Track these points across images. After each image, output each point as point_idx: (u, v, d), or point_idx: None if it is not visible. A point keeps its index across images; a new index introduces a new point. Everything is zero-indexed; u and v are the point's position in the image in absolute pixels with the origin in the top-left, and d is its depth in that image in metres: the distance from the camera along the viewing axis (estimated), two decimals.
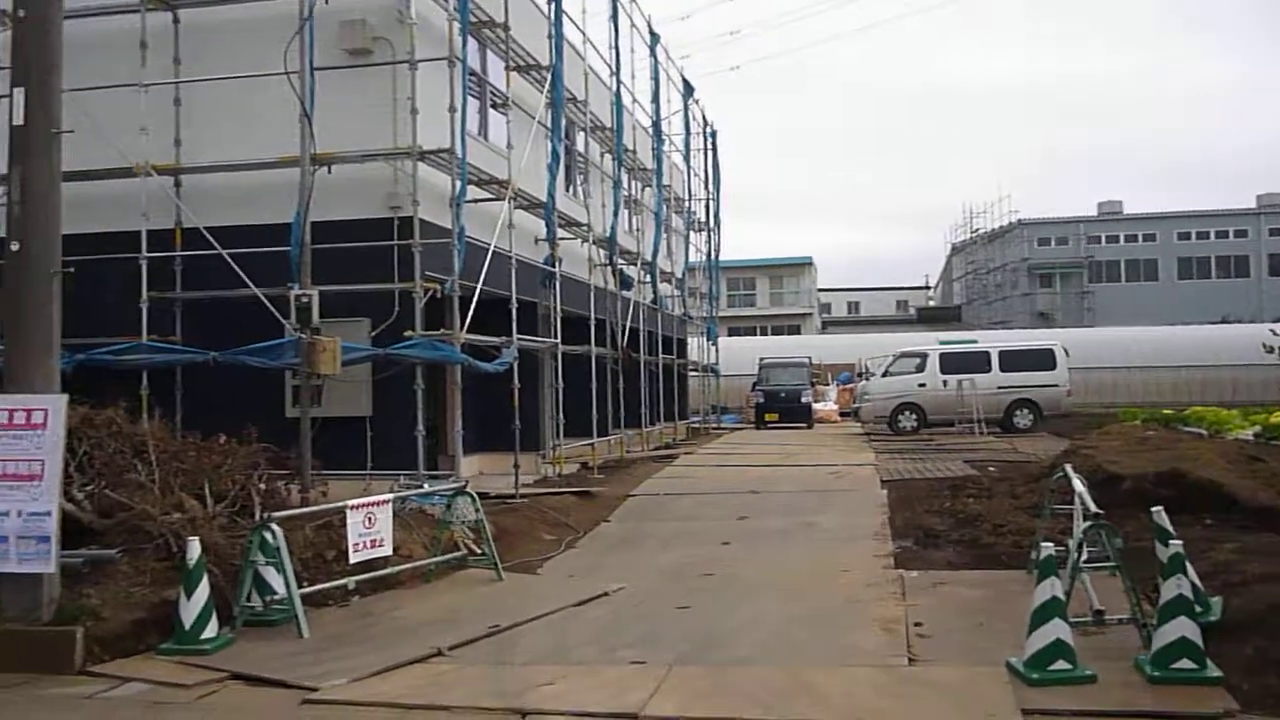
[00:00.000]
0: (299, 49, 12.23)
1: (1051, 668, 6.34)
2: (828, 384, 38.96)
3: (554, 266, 17.02)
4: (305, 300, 11.66)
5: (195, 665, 7.39)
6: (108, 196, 13.62)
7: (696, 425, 31.68)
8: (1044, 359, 27.94)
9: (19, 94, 8.12)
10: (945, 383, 27.41)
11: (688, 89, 29.18)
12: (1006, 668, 6.60)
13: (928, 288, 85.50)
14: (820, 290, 72.56)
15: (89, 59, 11.95)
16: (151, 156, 13.62)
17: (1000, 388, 27.22)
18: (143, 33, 13.68)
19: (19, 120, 8.09)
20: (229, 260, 12.99)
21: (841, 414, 35.52)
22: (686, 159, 30.09)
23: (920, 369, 28.17)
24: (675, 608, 8.89)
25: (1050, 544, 6.96)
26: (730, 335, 49.04)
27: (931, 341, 33.34)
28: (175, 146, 14.06)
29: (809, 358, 36.42)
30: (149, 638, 7.83)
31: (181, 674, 7.25)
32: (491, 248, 14.31)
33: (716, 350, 33.35)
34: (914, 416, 27.74)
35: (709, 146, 32.67)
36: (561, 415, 17.37)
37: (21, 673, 7.28)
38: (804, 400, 33.05)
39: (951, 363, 27.97)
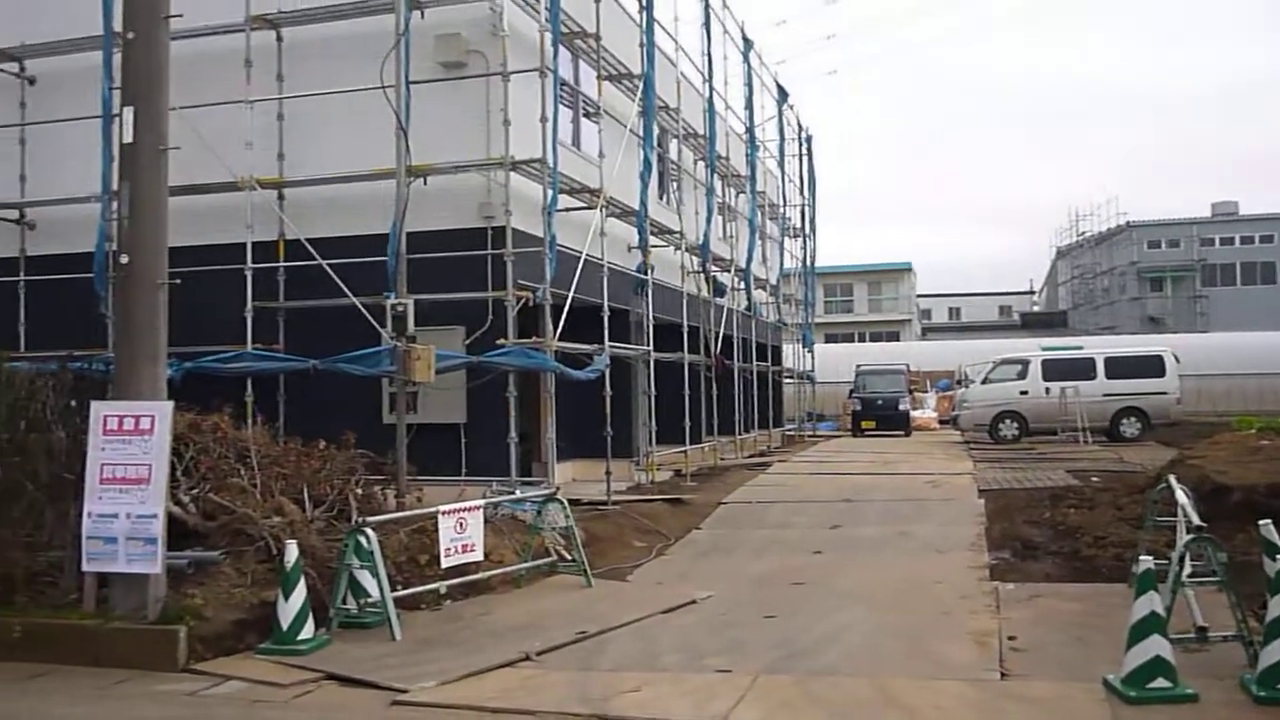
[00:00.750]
0: (395, 63, 12.49)
1: (1150, 685, 6.14)
2: (926, 391, 38.35)
3: (646, 274, 17.07)
4: (401, 309, 11.89)
5: (292, 665, 7.58)
6: (214, 209, 14.10)
7: (792, 433, 31.44)
8: (1153, 365, 27.04)
9: (128, 113, 8.44)
10: (1048, 390, 26.71)
11: (782, 94, 29.02)
12: (1103, 684, 6.41)
13: (1031, 292, 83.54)
14: (920, 296, 71.47)
15: (195, 77, 12.36)
16: (256, 170, 14.06)
17: (1106, 395, 26.42)
18: (247, 51, 14.12)
19: (128, 138, 8.41)
20: (329, 270, 13.33)
21: (940, 422, 34.92)
22: (781, 165, 29.91)
23: (1022, 376, 27.50)
24: (763, 616, 8.84)
25: (1151, 557, 6.75)
26: (827, 342, 48.55)
27: (1035, 348, 32.54)
28: (278, 160, 14.50)
29: (907, 364, 35.93)
30: (249, 637, 8.06)
31: (278, 673, 7.44)
32: (584, 256, 14.42)
33: (813, 357, 33.05)
34: (1015, 425, 27.09)
35: (804, 152, 32.45)
36: (654, 422, 17.41)
37: (129, 669, 7.58)
38: (901, 407, 32.59)
39: (1054, 369, 27.24)
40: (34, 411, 8.78)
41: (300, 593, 8.02)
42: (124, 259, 8.39)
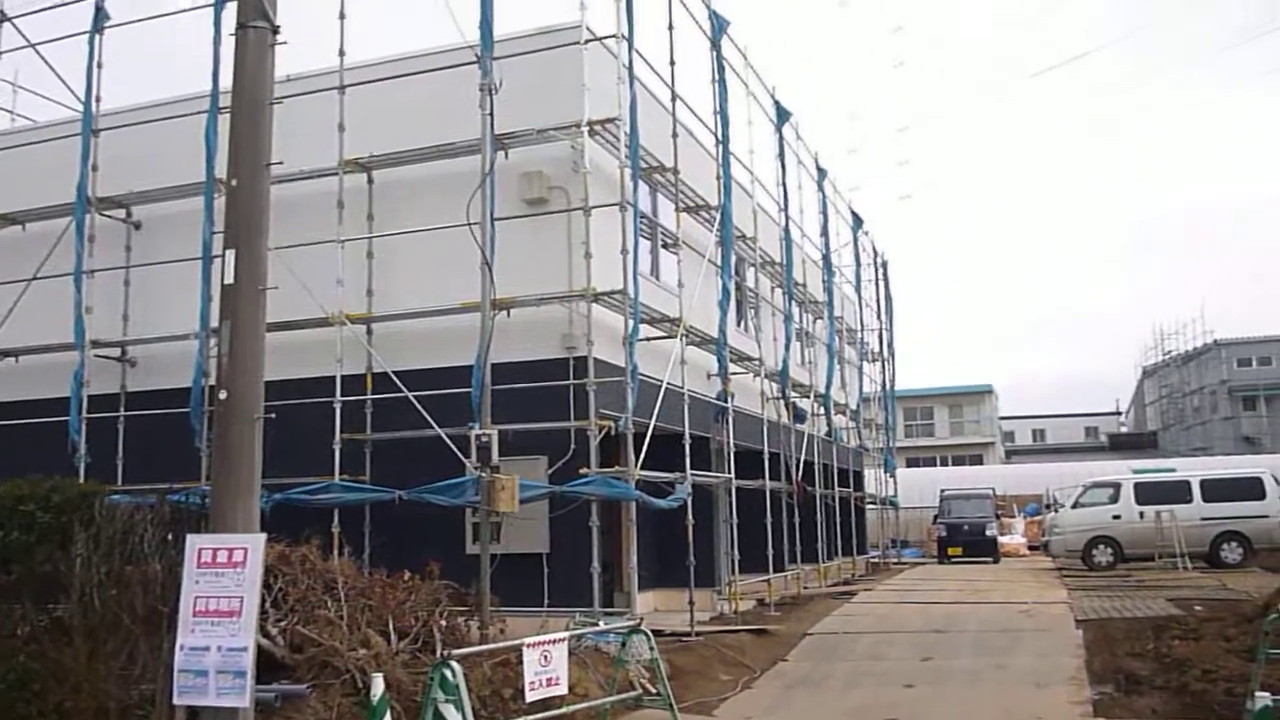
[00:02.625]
0: (481, 201, 12.93)
1: None
2: (1014, 516, 37.40)
3: (726, 401, 17.10)
4: (485, 440, 12.04)
5: None
6: (305, 344, 14.52)
7: (876, 560, 30.78)
8: (1252, 488, 26.10)
9: (230, 255, 8.79)
10: (1142, 514, 25.89)
11: (857, 221, 29.32)
12: None
13: (1118, 413, 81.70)
14: (1002, 418, 70.30)
15: (291, 218, 12.88)
16: (346, 306, 14.52)
17: (1204, 519, 25.49)
18: (340, 193, 14.73)
19: (229, 279, 8.75)
20: (414, 402, 13.60)
21: (1030, 547, 33.96)
22: (858, 290, 30.03)
23: (1114, 499, 26.71)
24: None
25: (1266, 693, 6.42)
26: (909, 466, 47.87)
27: (1125, 470, 31.68)
28: (368, 296, 14.97)
29: (992, 489, 35.17)
30: None
31: None
32: (664, 384, 14.52)
33: (895, 482, 32.56)
34: (1109, 550, 26.21)
35: (880, 276, 32.60)
36: (736, 551, 17.21)
37: None
38: (989, 533, 31.80)
39: (1148, 493, 26.44)
40: (132, 544, 8.97)
41: None
42: (223, 394, 8.64)
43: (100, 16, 16.13)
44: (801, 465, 21.37)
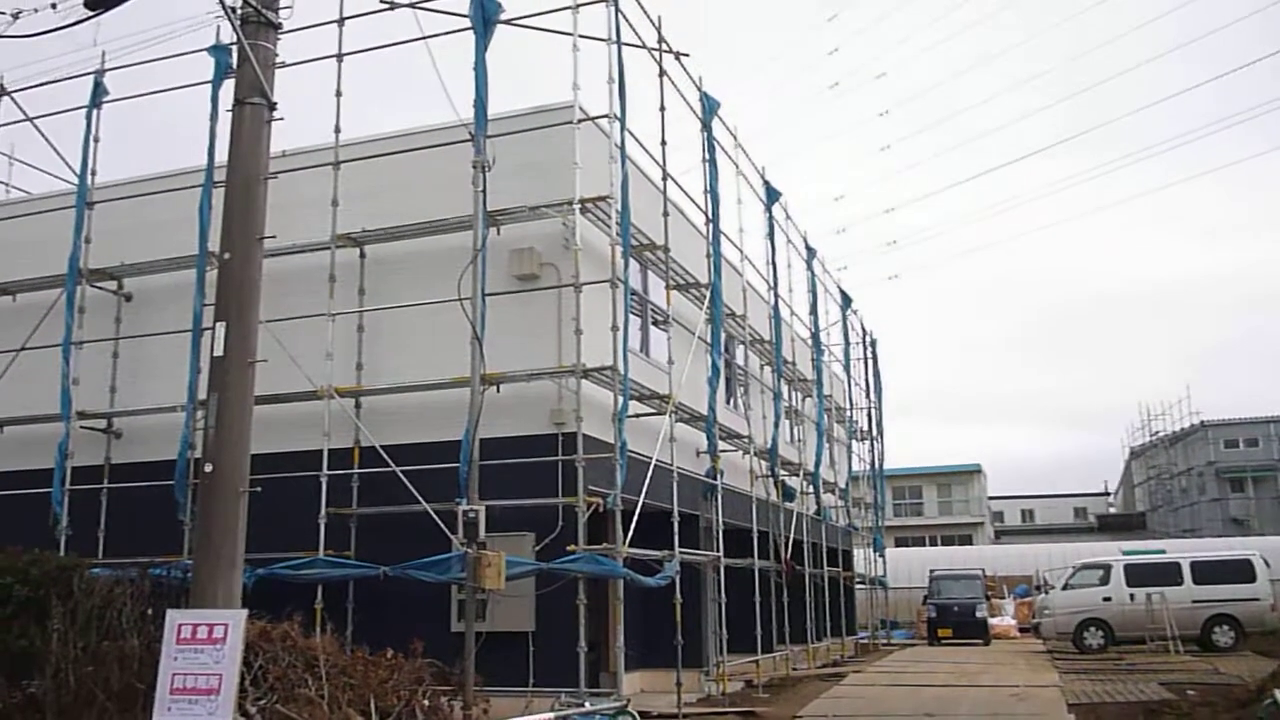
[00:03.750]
0: (473, 277, 13.00)
1: None
2: (1004, 597, 37.12)
3: (716, 479, 17.04)
4: (473, 515, 11.95)
5: None
6: (292, 417, 14.47)
7: (865, 641, 30.44)
8: (1242, 570, 25.96)
9: (220, 328, 8.84)
10: (1133, 596, 25.71)
11: (845, 300, 29.53)
12: None
13: (1107, 494, 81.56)
14: (991, 498, 70.11)
15: (281, 292, 12.94)
16: (335, 379, 14.49)
17: (1195, 602, 25.33)
18: (332, 267, 14.77)
19: (219, 352, 8.78)
20: (401, 477, 13.51)
21: (1020, 629, 33.66)
22: (847, 368, 30.15)
23: (1104, 581, 26.54)
24: None
25: None
26: (897, 545, 47.59)
27: (1114, 551, 31.59)
28: (357, 370, 14.96)
29: (982, 569, 34.94)
30: None
31: None
32: (653, 461, 14.47)
33: (884, 561, 32.35)
34: (1100, 633, 25.97)
35: (869, 355, 32.76)
36: (724, 630, 16.98)
37: None
38: (979, 614, 31.50)
39: (1138, 574, 26.28)
40: (110, 619, 8.86)
41: None
42: (208, 467, 8.61)
43: (99, 91, 16.32)
44: (790, 544, 21.21)
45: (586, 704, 11.91)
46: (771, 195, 21.86)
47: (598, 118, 14.52)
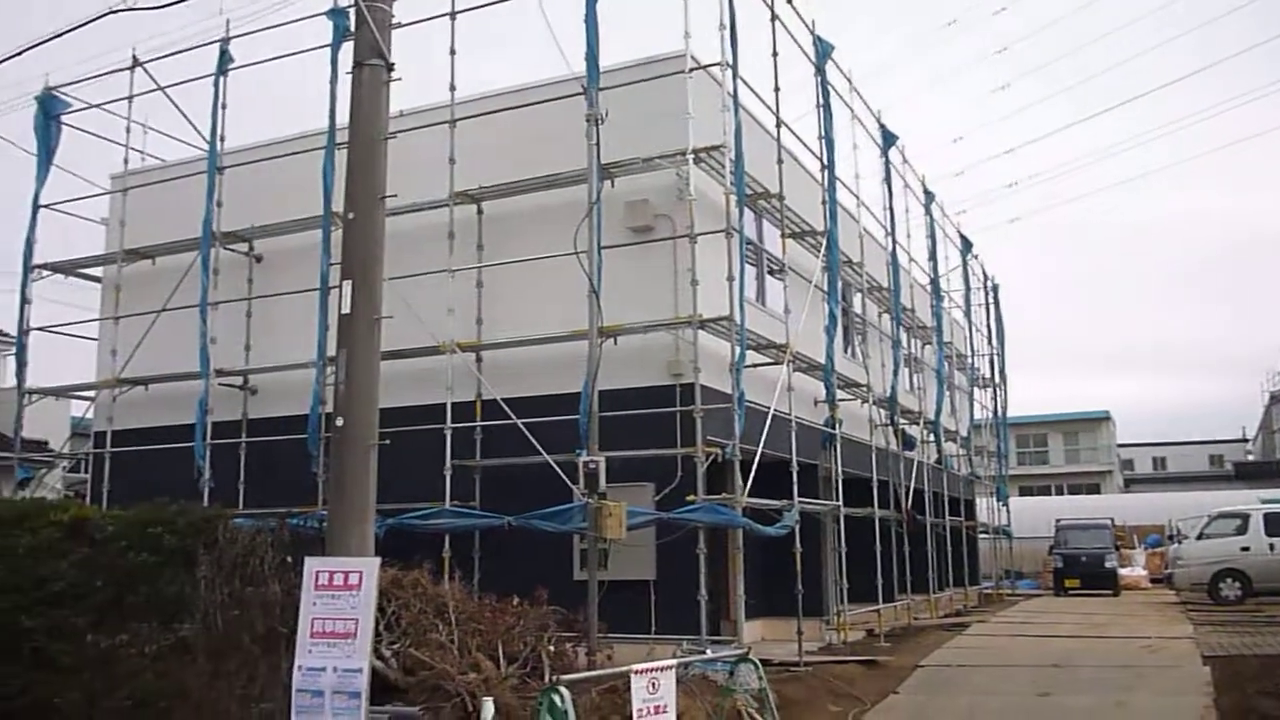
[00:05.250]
0: (588, 230, 13.09)
1: None
2: (1134, 547, 36.09)
3: (834, 428, 16.92)
4: (593, 466, 12.13)
5: None
6: (416, 372, 14.85)
7: (988, 591, 30.00)
8: None
9: (347, 286, 9.07)
10: (1273, 546, 24.74)
11: (965, 244, 28.83)
12: None
13: (1245, 440, 78.30)
14: (1120, 445, 68.00)
15: (403, 250, 13.20)
16: (456, 335, 14.80)
17: None
18: (450, 225, 15.05)
19: (346, 309, 9.02)
20: (523, 429, 13.77)
21: (1151, 580, 32.71)
22: (967, 314, 29.49)
23: (1242, 530, 25.55)
24: None
25: None
26: (1021, 495, 46.57)
27: (1253, 500, 30.35)
28: (477, 325, 15.24)
29: (1111, 519, 34.00)
30: None
31: None
32: (771, 411, 14.44)
33: (1008, 511, 31.73)
34: (1237, 584, 25.05)
35: (990, 301, 31.96)
36: (845, 580, 16.94)
37: None
38: (1108, 565, 30.70)
39: (1279, 523, 25.27)
40: (252, 566, 9.27)
41: None
42: (339, 421, 8.89)
43: (224, 59, 16.79)
44: (911, 493, 20.99)
45: (708, 651, 12.04)
46: (887, 139, 21.41)
47: (709, 66, 14.39)
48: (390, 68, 9.55)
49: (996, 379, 32.13)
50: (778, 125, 15.95)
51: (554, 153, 14.54)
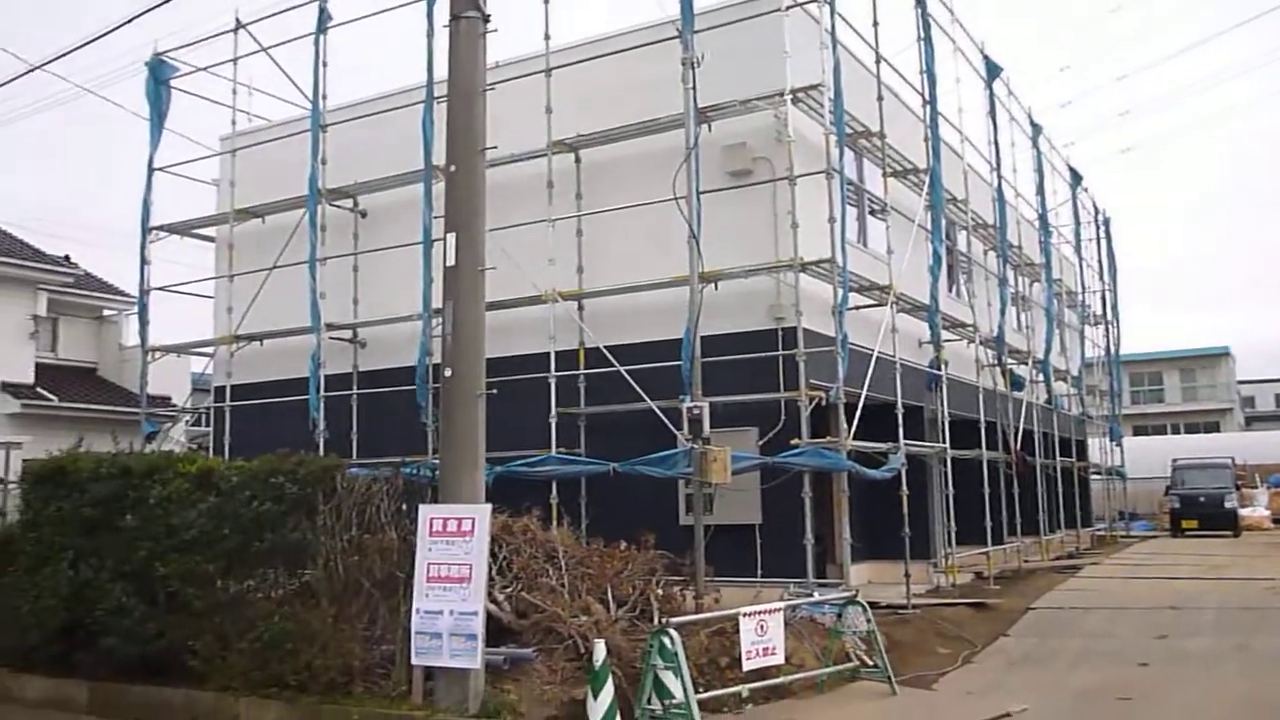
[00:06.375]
0: (686, 176, 13.02)
1: None
2: (1255, 487, 34.92)
3: (940, 369, 16.65)
4: (697, 412, 12.18)
5: None
6: (519, 322, 15.03)
7: (1102, 533, 29.39)
8: None
9: (451, 238, 9.21)
10: None
11: (1075, 177, 27.91)
12: None
13: None
14: (1241, 382, 65.55)
15: (503, 201, 13.34)
16: (557, 284, 14.93)
17: None
18: (549, 174, 15.12)
19: (451, 262, 9.16)
20: (626, 376, 13.87)
21: (1274, 520, 31.68)
22: (1077, 250, 28.60)
23: None
24: None
25: None
26: (1136, 434, 45.40)
27: None
28: (578, 274, 15.35)
29: (1231, 458, 32.93)
30: None
31: None
32: (875, 353, 14.27)
33: (1121, 451, 30.95)
34: None
35: (1102, 235, 30.94)
36: (952, 523, 16.77)
37: None
38: (1228, 505, 29.82)
39: None
40: (369, 514, 9.55)
41: (608, 692, 8.19)
42: (448, 372, 9.08)
43: (324, 17, 17.03)
44: (1020, 434, 20.60)
45: (814, 594, 12.10)
46: (992, 71, 20.76)
47: (806, 3, 14.16)
48: (486, 19, 9.58)
49: (1108, 316, 31.20)
50: (877, 61, 15.60)
51: (650, 98, 14.47)
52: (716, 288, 13.72)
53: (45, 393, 23.48)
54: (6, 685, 11.27)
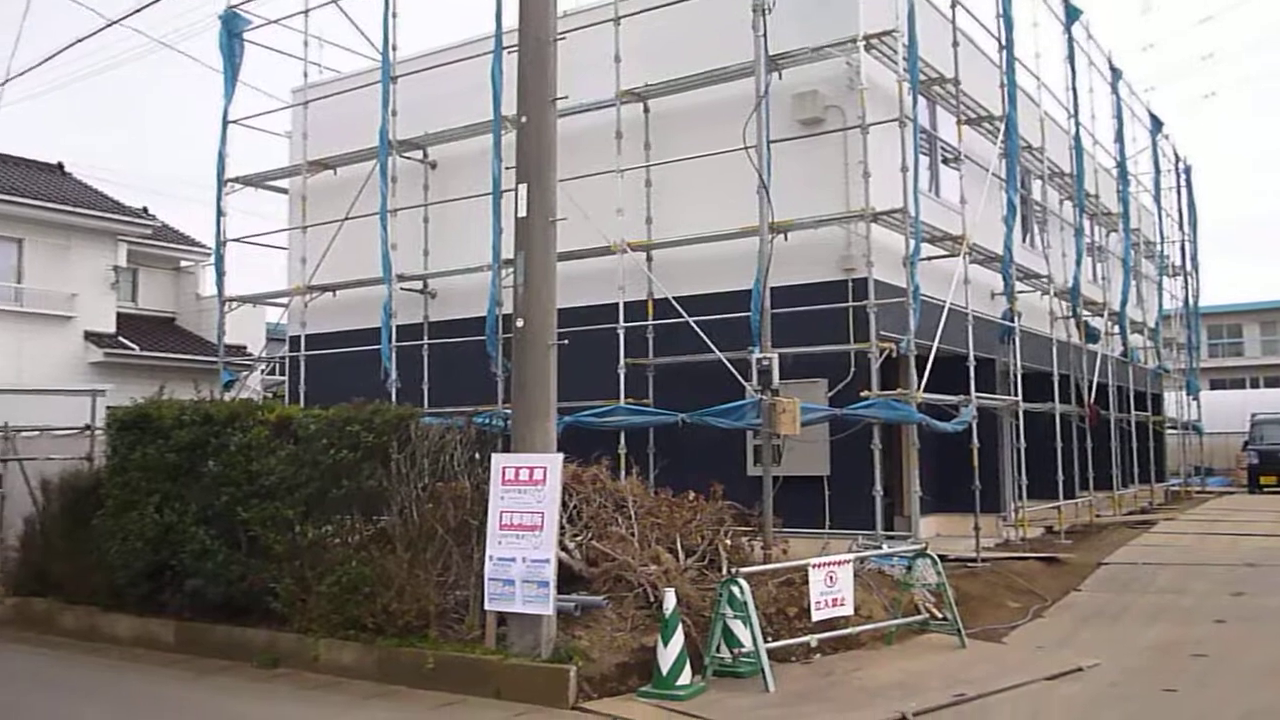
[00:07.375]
0: (756, 125, 12.89)
1: None
2: None
3: (1013, 321, 16.39)
4: (766, 363, 12.15)
5: (673, 710, 7.84)
6: (589, 273, 15.05)
7: (1176, 488, 28.88)
8: None
9: (522, 189, 9.25)
10: None
11: (1155, 124, 27.12)
12: None
13: None
14: None
15: (572, 151, 13.33)
16: (627, 235, 14.91)
17: None
18: (618, 124, 15.06)
19: (522, 212, 9.21)
20: (694, 327, 13.87)
21: None
22: (1157, 199, 27.86)
23: None
24: (1161, 690, 8.16)
25: None
26: (1214, 388, 44.35)
27: None
28: (647, 224, 15.31)
29: None
30: (630, 680, 8.43)
31: (660, 718, 7.72)
32: (947, 305, 14.09)
33: (1198, 405, 30.30)
34: None
35: (1182, 184, 30.10)
36: (1023, 476, 16.59)
37: (524, 703, 8.15)
38: None
39: None
40: (443, 463, 9.71)
41: (678, 640, 8.29)
42: (519, 322, 9.16)
43: None
44: (1094, 388, 20.26)
45: (883, 546, 12.09)
46: (1071, 14, 20.16)
47: None
48: None
49: (1187, 267, 30.43)
50: (952, 5, 15.25)
51: (720, 46, 14.31)
52: (786, 238, 13.60)
53: (127, 341, 24.17)
54: (97, 623, 11.72)
